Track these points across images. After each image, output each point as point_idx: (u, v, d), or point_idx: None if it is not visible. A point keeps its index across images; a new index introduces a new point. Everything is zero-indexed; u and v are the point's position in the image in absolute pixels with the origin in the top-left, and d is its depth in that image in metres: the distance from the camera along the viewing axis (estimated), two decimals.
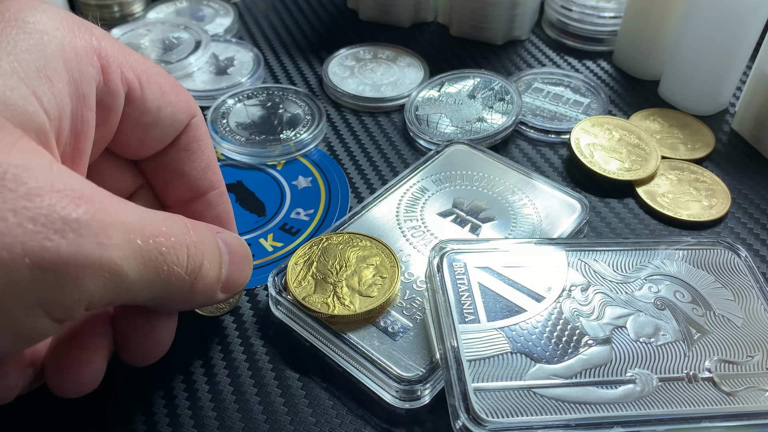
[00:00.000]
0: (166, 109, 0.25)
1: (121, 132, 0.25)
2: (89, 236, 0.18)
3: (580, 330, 0.26)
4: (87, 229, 0.18)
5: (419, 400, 0.26)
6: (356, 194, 0.36)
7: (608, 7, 0.46)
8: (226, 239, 0.26)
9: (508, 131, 0.39)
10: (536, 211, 0.33)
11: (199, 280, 0.23)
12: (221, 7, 0.50)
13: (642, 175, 0.36)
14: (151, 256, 0.20)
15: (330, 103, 0.42)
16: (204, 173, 0.27)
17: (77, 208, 0.18)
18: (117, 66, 0.23)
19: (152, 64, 0.26)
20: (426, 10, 0.49)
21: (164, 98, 0.25)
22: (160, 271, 0.21)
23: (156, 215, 0.22)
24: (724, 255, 0.30)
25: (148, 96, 0.24)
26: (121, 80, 0.23)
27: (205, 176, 0.27)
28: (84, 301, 0.19)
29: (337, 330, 0.28)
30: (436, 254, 0.28)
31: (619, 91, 0.44)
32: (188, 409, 0.27)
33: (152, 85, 0.25)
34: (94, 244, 0.18)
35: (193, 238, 0.23)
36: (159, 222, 0.21)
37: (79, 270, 0.18)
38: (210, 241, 0.24)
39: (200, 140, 0.27)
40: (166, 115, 0.25)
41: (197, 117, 0.27)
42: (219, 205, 0.28)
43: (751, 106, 0.39)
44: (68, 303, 0.18)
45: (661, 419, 0.24)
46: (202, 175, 0.27)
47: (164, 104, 0.25)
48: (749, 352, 0.26)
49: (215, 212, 0.28)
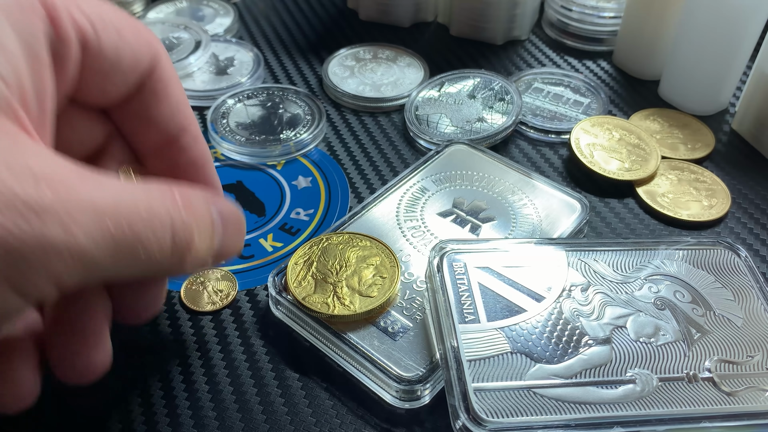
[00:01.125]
0: (125, 52, 0.23)
1: (81, 81, 0.23)
2: (53, 220, 0.18)
3: (580, 330, 0.26)
4: (50, 212, 0.18)
5: (419, 400, 0.26)
6: (356, 194, 0.36)
7: (608, 7, 0.46)
8: (221, 209, 0.24)
9: (508, 131, 0.39)
10: (536, 211, 0.33)
11: (188, 258, 0.22)
12: (221, 7, 0.50)
13: (642, 175, 0.36)
14: (125, 241, 0.19)
15: (330, 103, 0.42)
16: (173, 116, 0.26)
17: (40, 190, 0.18)
18: (65, 12, 0.21)
19: (104, 3, 0.24)
20: (426, 10, 0.49)
21: (122, 41, 0.23)
22: (136, 256, 0.20)
23: (137, 193, 0.20)
24: (724, 255, 0.30)
25: (105, 40, 0.23)
26: (72, 27, 0.22)
27: (174, 119, 0.26)
28: (52, 283, 0.18)
29: (337, 330, 0.28)
30: (436, 254, 0.28)
31: (619, 91, 0.44)
32: (188, 409, 0.27)
33: (108, 28, 0.23)
34: (59, 228, 0.18)
35: (183, 216, 0.21)
36: (139, 201, 0.20)
37: (44, 254, 0.18)
38: (202, 215, 0.23)
39: (166, 81, 0.25)
40: (126, 59, 0.24)
41: (161, 57, 0.25)
42: (193, 149, 0.26)
43: (751, 106, 0.39)
44: (37, 284, 0.18)
45: (661, 419, 0.24)
46: (171, 119, 0.26)
47: (123, 47, 0.23)
48: (749, 352, 0.26)
49: (190, 156, 0.26)
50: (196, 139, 0.26)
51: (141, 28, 0.24)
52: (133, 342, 0.29)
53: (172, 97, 0.25)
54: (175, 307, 0.30)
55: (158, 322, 0.30)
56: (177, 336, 0.29)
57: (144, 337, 0.29)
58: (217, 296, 0.31)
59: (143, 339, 0.29)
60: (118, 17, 0.23)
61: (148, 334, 0.29)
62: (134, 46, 0.24)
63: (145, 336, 0.29)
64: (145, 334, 0.29)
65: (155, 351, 0.28)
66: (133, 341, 0.29)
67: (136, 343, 0.29)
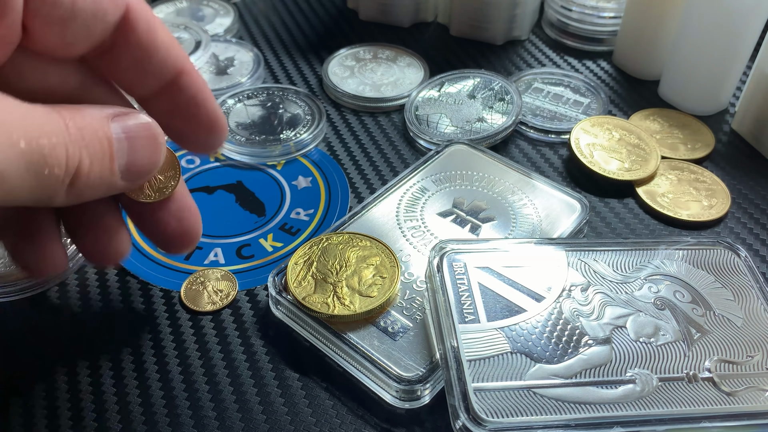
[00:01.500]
0: (85, 3, 0.22)
1: (32, 30, 0.22)
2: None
3: (580, 330, 0.26)
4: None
5: (419, 400, 0.26)
6: (356, 194, 0.36)
7: (608, 7, 0.46)
8: (127, 125, 0.24)
9: (508, 131, 0.39)
10: (536, 211, 0.33)
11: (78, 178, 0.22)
12: (221, 7, 0.50)
13: (642, 175, 0.36)
14: (33, 158, 0.19)
15: (330, 103, 0.42)
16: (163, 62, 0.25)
17: None
18: None
19: None
20: (426, 10, 0.49)
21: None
22: (40, 174, 0.20)
23: (36, 112, 0.20)
24: (724, 255, 0.30)
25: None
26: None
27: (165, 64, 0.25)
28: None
29: (337, 330, 0.28)
30: (436, 254, 0.28)
31: (619, 91, 0.44)
32: (188, 409, 0.27)
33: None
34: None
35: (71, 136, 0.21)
36: (41, 120, 0.20)
37: None
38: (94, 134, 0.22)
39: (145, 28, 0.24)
40: (85, 8, 0.22)
41: (133, 6, 0.24)
42: (190, 88, 0.26)
43: (751, 106, 0.39)
44: None
45: (661, 419, 0.24)
46: (162, 64, 0.25)
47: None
48: (749, 352, 0.26)
49: (188, 95, 0.26)
50: (191, 76, 0.26)
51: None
52: (133, 342, 0.29)
53: (159, 43, 0.25)
54: (175, 307, 0.30)
55: (158, 322, 0.30)
56: (177, 336, 0.29)
57: (144, 337, 0.29)
58: (217, 296, 0.31)
59: (143, 339, 0.29)
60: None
61: (148, 334, 0.29)
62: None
63: (145, 336, 0.29)
64: (145, 333, 0.29)
65: (155, 351, 0.29)
66: (134, 341, 0.29)
67: (137, 343, 0.29)
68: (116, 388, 0.27)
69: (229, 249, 0.33)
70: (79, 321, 0.30)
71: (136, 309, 0.30)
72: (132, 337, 0.29)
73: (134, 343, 0.29)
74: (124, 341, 0.29)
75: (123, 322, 0.30)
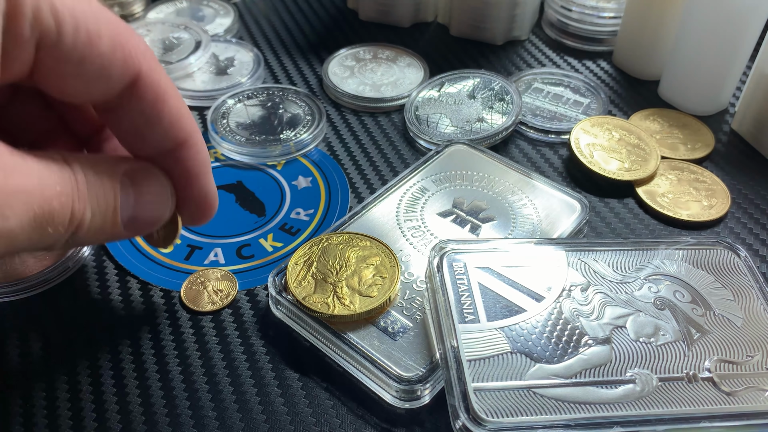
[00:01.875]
0: (92, 63, 0.22)
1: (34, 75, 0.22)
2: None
3: (580, 330, 0.26)
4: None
5: (419, 400, 0.26)
6: (356, 194, 0.36)
7: (608, 7, 0.46)
8: (135, 178, 0.24)
9: (508, 131, 0.39)
10: (536, 211, 0.33)
11: (80, 231, 0.22)
12: (221, 7, 0.50)
13: (642, 175, 0.36)
14: (42, 220, 0.20)
15: (330, 103, 0.42)
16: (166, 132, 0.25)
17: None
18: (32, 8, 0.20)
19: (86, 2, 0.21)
20: (426, 10, 0.49)
21: (90, 49, 0.21)
22: (44, 231, 0.21)
23: (51, 172, 0.21)
24: (723, 255, 0.30)
25: (67, 45, 0.21)
26: (31, 27, 0.20)
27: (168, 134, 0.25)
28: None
29: (337, 330, 0.28)
30: (436, 254, 0.28)
31: (619, 91, 0.44)
32: (188, 409, 0.27)
33: (79, 33, 0.21)
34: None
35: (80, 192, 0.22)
36: (54, 180, 0.21)
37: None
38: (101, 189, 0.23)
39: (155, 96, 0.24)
40: (91, 71, 0.22)
41: (145, 73, 0.23)
42: (189, 161, 0.26)
43: (751, 106, 0.39)
44: None
45: (661, 419, 0.24)
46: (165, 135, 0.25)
47: (90, 57, 0.21)
48: (749, 352, 0.26)
49: (185, 167, 0.26)
50: (192, 150, 0.26)
51: (124, 40, 0.22)
52: (133, 341, 0.29)
53: (164, 114, 0.24)
54: (175, 307, 0.30)
55: (158, 322, 0.30)
56: (177, 336, 0.29)
57: (144, 337, 0.29)
58: (217, 296, 0.31)
59: (143, 339, 0.29)
60: (96, 21, 0.21)
61: (148, 334, 0.29)
62: (107, 58, 0.22)
63: (145, 336, 0.29)
64: (145, 333, 0.29)
65: (155, 351, 0.29)
66: (134, 341, 0.29)
67: (137, 343, 0.29)
68: (116, 388, 0.27)
69: (229, 249, 0.33)
70: (80, 321, 0.30)
71: (136, 309, 0.30)
72: (132, 337, 0.29)
73: (134, 343, 0.29)
74: (124, 341, 0.29)
75: (123, 322, 0.30)
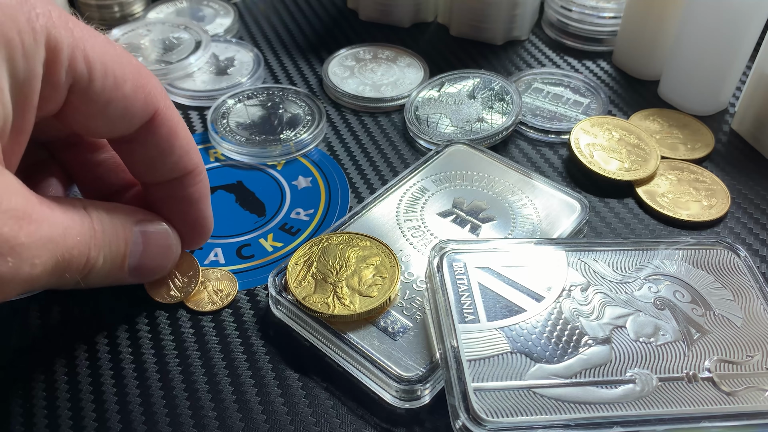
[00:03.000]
0: (117, 104, 0.23)
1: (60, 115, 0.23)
2: (26, 258, 0.20)
3: (580, 330, 0.26)
4: (26, 251, 0.20)
5: (419, 400, 0.26)
6: (356, 194, 0.36)
7: (608, 7, 0.46)
8: (146, 231, 0.26)
9: (508, 131, 0.39)
10: (536, 211, 0.33)
11: (90, 274, 0.24)
12: (221, 7, 0.50)
13: (642, 175, 0.36)
14: (62, 266, 0.22)
15: (330, 103, 0.42)
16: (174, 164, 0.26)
17: (20, 230, 0.20)
18: (67, 57, 0.21)
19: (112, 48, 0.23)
20: (426, 10, 0.49)
21: (116, 92, 0.23)
22: (62, 276, 0.22)
23: (75, 224, 0.22)
24: (723, 255, 0.30)
25: (96, 89, 0.22)
26: (66, 73, 0.21)
27: (176, 166, 0.27)
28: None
29: (337, 330, 0.28)
30: (436, 254, 0.28)
31: (619, 91, 0.44)
32: (188, 409, 0.27)
33: (107, 78, 0.22)
34: (29, 265, 0.20)
35: (96, 239, 0.24)
36: (77, 230, 0.22)
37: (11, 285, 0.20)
38: (115, 237, 0.25)
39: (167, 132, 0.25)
40: (115, 111, 0.23)
41: (161, 111, 0.25)
42: (191, 190, 0.28)
43: (751, 106, 0.39)
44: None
45: (661, 419, 0.24)
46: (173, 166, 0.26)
47: (115, 99, 0.23)
48: (749, 352, 0.26)
49: (186, 195, 0.28)
50: (198, 179, 0.28)
51: (145, 82, 0.24)
52: (133, 341, 0.29)
53: (175, 147, 0.26)
54: (175, 307, 0.30)
55: (158, 322, 0.30)
56: (177, 336, 0.29)
57: (144, 337, 0.29)
58: (217, 296, 0.31)
59: (143, 339, 0.29)
60: (121, 65, 0.23)
61: (148, 334, 0.29)
62: (129, 100, 0.24)
63: (145, 336, 0.29)
64: (145, 333, 0.29)
65: (155, 351, 0.29)
66: (134, 341, 0.29)
67: (137, 343, 0.29)
68: (116, 388, 0.27)
69: (229, 249, 0.33)
70: (79, 321, 0.30)
71: (136, 309, 0.30)
72: (132, 337, 0.29)
73: (134, 343, 0.29)
74: (124, 341, 0.29)
75: (123, 322, 0.30)
